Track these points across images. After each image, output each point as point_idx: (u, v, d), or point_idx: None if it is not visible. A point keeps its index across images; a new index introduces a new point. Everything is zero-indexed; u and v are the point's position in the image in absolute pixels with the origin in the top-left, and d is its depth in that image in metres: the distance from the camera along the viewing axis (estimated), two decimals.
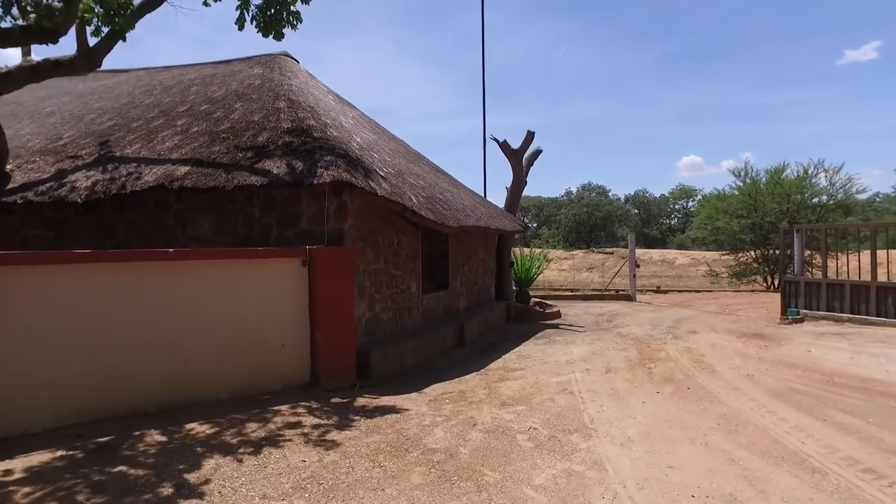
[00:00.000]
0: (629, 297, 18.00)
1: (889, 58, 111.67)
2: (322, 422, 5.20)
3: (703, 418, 5.30)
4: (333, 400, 5.98)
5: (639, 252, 40.93)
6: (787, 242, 14.05)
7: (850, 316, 11.48)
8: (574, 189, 73.42)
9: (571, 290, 21.02)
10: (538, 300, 14.85)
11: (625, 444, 4.65)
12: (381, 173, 7.77)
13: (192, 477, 3.90)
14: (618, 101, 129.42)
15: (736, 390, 6.31)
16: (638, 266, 19.42)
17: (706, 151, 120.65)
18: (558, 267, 38.57)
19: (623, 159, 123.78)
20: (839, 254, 15.86)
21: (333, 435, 4.84)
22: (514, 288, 14.67)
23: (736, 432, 4.89)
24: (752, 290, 22.02)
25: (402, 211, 7.36)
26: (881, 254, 11.75)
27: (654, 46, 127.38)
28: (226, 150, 7.77)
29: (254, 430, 4.89)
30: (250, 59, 11.61)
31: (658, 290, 21.48)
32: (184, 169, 7.43)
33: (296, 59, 11.62)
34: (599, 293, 19.46)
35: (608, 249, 45.06)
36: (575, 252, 44.86)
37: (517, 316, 12.98)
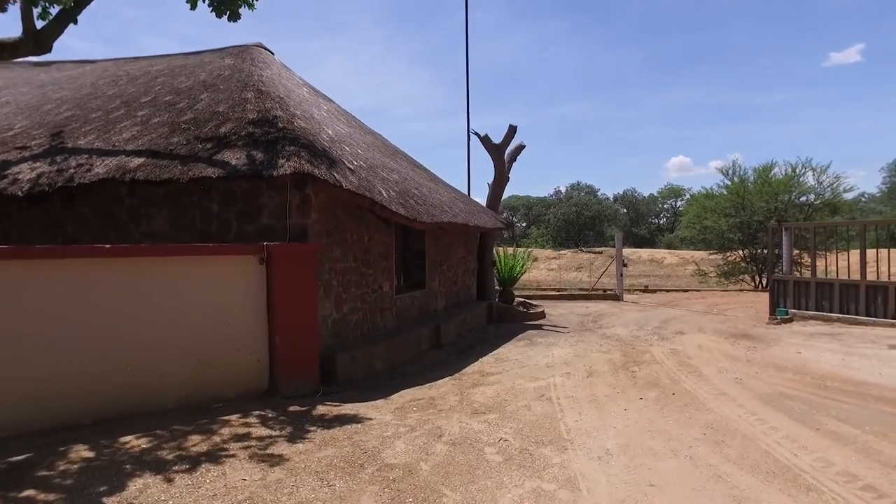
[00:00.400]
0: (616, 297, 17.67)
1: (872, 60, 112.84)
2: (273, 433, 4.75)
3: (688, 427, 4.91)
4: (291, 408, 5.53)
5: (628, 252, 40.77)
6: (775, 241, 13.75)
7: (840, 315, 11.19)
8: (563, 188, 73.26)
9: (558, 290, 20.67)
10: (523, 300, 14.44)
11: (602, 457, 4.24)
12: (350, 166, 7.33)
13: (111, 501, 3.44)
14: (607, 101, 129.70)
15: (723, 395, 5.93)
16: (626, 265, 19.11)
17: (695, 152, 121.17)
18: (547, 266, 38.33)
19: (612, 159, 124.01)
20: (827, 253, 15.63)
21: (283, 448, 4.39)
22: (497, 287, 14.25)
23: (723, 443, 4.50)
24: (741, 290, 21.81)
25: (370, 205, 6.92)
26: (869, 253, 11.46)
27: (643, 48, 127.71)
28: (185, 142, 7.30)
29: (195, 443, 4.43)
30: (222, 50, 11.12)
31: (646, 290, 21.19)
32: (138, 161, 6.95)
33: (270, 51, 11.15)
34: (586, 293, 19.11)
35: (597, 249, 44.86)
36: (563, 252, 44.62)
37: (499, 316, 12.56)
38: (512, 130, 13.71)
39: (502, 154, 13.79)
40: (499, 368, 7.54)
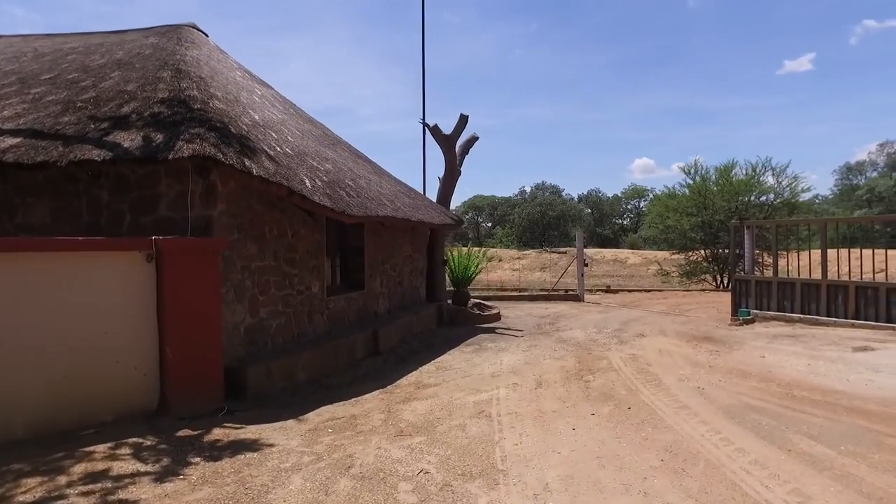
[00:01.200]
0: (577, 298, 17.11)
1: (822, 69, 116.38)
2: (142, 468, 3.85)
3: (644, 451, 4.21)
4: (181, 433, 4.63)
5: (591, 252, 40.57)
6: (737, 240, 13.36)
7: (801, 316, 10.80)
8: (528, 188, 73.09)
9: (519, 291, 20.02)
10: (478, 301, 13.70)
11: (539, 495, 3.48)
12: (270, 152, 6.45)
13: None
14: (573, 103, 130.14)
15: (685, 409, 5.27)
16: (586, 265, 18.57)
17: (658, 154, 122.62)
18: (511, 266, 37.77)
19: (577, 160, 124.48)
20: (788, 252, 15.46)
21: (144, 490, 3.50)
22: (451, 288, 13.45)
23: (683, 472, 3.80)
24: (703, 290, 21.56)
25: (287, 195, 6.04)
26: (828, 252, 11.09)
27: (609, 52, 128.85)
28: (76, 121, 6.33)
29: (28, 488, 3.50)
30: (149, 29, 10.12)
31: (608, 290, 20.72)
32: (12, 141, 5.94)
33: (204, 32, 10.17)
34: (546, 293, 18.51)
35: (561, 249, 44.55)
36: (528, 252, 44.19)
37: (450, 319, 11.77)
38: (463, 120, 12.87)
39: (453, 146, 12.97)
40: (438, 379, 6.75)
